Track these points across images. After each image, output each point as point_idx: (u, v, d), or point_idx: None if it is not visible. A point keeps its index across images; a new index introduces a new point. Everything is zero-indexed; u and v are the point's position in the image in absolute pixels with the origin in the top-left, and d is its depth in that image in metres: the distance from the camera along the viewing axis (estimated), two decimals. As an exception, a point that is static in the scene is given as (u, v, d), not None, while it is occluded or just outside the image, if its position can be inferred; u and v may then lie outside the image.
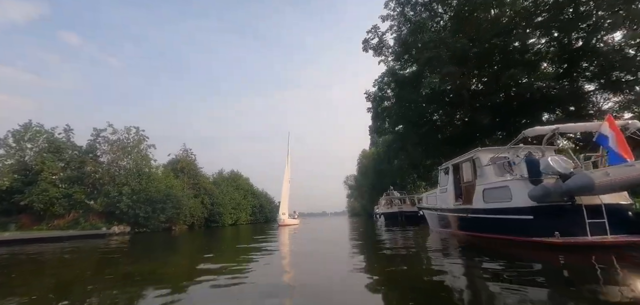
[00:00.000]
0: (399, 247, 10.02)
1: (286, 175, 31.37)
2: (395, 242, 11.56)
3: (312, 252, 9.98)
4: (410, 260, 7.14)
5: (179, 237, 21.81)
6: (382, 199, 31.52)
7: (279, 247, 12.03)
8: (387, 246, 10.30)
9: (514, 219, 8.02)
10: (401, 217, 28.38)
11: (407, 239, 12.56)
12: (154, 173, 30.32)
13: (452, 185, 12.21)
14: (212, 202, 39.07)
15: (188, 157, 39.64)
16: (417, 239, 12.62)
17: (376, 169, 52.18)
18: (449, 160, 12.87)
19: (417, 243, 11.12)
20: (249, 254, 9.32)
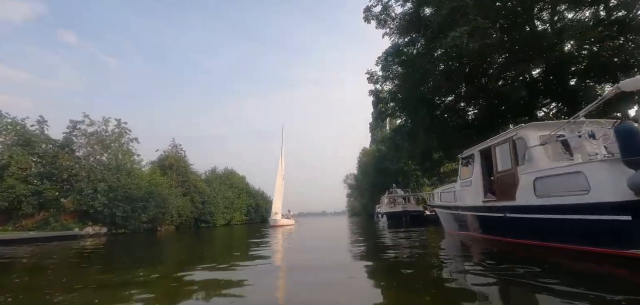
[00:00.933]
0: (412, 256, 7.32)
1: (280, 171, 28.62)
2: (406, 249, 8.85)
3: (307, 264, 7.30)
4: (433, 277, 4.43)
5: (162, 239, 19.20)
6: (384, 198, 28.86)
7: (270, 251, 9.45)
8: (396, 255, 7.59)
9: (594, 220, 5.32)
10: (405, 217, 25.68)
11: (419, 245, 9.85)
12: (136, 169, 27.61)
13: (479, 176, 9.50)
14: (203, 201, 36.39)
15: (177, 153, 36.97)
16: (431, 243, 9.96)
17: (377, 167, 49.46)
18: (473, 146, 10.17)
19: (433, 249, 8.43)
20: (232, 263, 6.74)
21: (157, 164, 35.48)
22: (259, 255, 8.60)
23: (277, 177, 28.42)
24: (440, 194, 13.45)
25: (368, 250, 9.15)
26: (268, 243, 12.97)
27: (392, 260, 6.89)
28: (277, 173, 28.50)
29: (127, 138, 28.08)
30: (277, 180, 28.27)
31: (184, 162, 36.43)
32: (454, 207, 11.34)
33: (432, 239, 11.67)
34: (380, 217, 28.62)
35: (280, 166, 28.66)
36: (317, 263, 6.87)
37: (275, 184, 28.14)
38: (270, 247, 11.37)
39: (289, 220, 27.98)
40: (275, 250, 10.39)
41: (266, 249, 10.80)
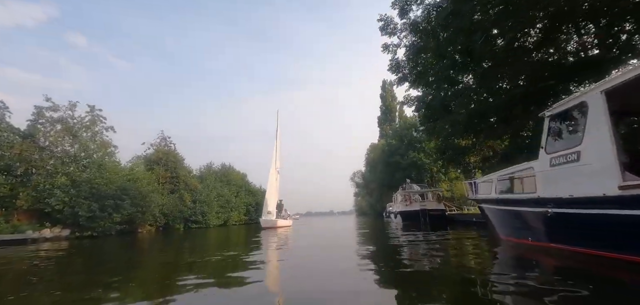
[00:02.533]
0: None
1: (274, 162, 24.29)
2: (444, 264, 4.34)
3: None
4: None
5: (135, 244, 15.17)
6: (397, 194, 24.30)
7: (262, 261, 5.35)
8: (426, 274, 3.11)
9: None
10: (424, 216, 21.06)
11: (476, 266, 5.35)
12: (110, 162, 23.60)
13: (605, 142, 4.95)
14: (195, 200, 32.29)
15: (166, 146, 32.99)
16: (485, 259, 5.55)
17: (386, 162, 44.76)
18: (582, 91, 5.63)
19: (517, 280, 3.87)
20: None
21: (142, 158, 31.59)
22: (239, 275, 4.33)
23: (270, 170, 24.15)
24: (495, 182, 8.87)
25: (386, 275, 4.64)
26: (257, 252, 8.89)
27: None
28: (271, 165, 24.16)
29: (101, 126, 24.09)
30: (271, 173, 23.99)
31: (173, 157, 32.40)
32: (530, 201, 6.76)
33: (482, 253, 7.19)
34: (394, 217, 24.01)
35: (274, 156, 24.28)
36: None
37: (268, 178, 23.81)
38: (257, 257, 7.20)
39: (285, 221, 23.62)
40: (263, 262, 6.17)
41: (254, 259, 6.66)
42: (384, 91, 62.66)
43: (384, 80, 63.14)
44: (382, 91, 62.86)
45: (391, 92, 62.99)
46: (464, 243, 9.84)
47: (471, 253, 7.51)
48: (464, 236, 12.36)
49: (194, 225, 31.77)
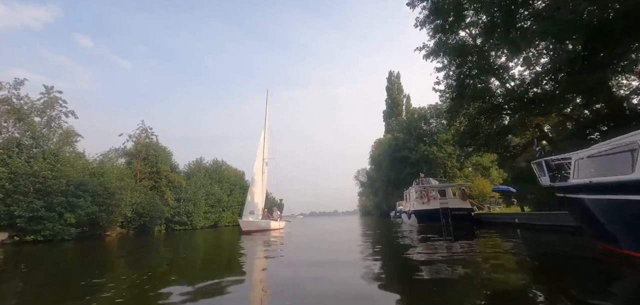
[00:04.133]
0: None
1: (260, 152, 19.93)
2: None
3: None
4: None
5: (86, 252, 11.19)
6: (410, 191, 19.99)
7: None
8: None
9: None
10: (445, 217, 16.71)
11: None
12: (70, 153, 19.62)
13: None
14: (178, 198, 28.28)
15: (147, 138, 29.03)
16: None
17: (393, 157, 40.35)
18: None
19: None
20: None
21: (121, 151, 27.69)
22: None
23: (255, 162, 19.82)
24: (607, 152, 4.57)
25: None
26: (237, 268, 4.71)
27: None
28: (257, 155, 19.92)
29: (60, 110, 20.14)
30: (256, 166, 19.64)
31: (154, 150, 28.43)
32: None
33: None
34: (407, 217, 19.60)
35: (262, 146, 20.08)
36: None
37: (253, 169, 19.71)
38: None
39: (277, 224, 19.44)
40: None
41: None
42: (390, 83, 58.30)
43: (391, 71, 58.89)
44: (388, 83, 58.50)
45: (397, 84, 58.63)
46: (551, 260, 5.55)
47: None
48: (526, 245, 8.10)
49: (178, 226, 27.77)
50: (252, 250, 9.99)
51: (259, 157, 19.37)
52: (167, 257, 9.02)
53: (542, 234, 11.66)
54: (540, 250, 7.79)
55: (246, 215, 17.54)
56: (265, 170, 19.96)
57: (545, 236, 10.83)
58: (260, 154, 19.48)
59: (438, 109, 40.15)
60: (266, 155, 20.12)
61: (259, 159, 19.37)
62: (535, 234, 11.78)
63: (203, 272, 6.55)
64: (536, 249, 7.91)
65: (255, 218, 17.63)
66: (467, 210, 17.11)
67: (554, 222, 11.45)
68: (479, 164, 36.17)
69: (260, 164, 19.32)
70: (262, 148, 19.68)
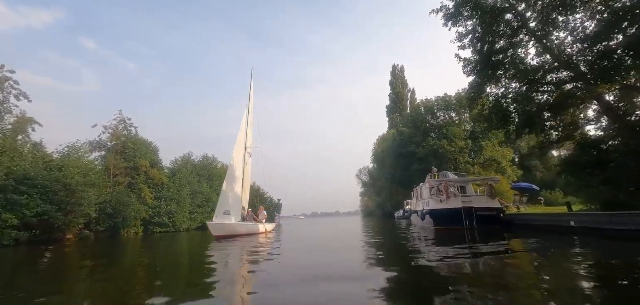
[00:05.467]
0: None
1: (242, 139, 16.05)
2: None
3: None
4: None
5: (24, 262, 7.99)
6: (422, 188, 16.47)
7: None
8: None
9: None
10: (469, 218, 13.27)
11: None
12: (10, 141, 16.37)
13: None
14: (159, 197, 25.01)
15: (126, 129, 25.82)
16: None
17: (399, 154, 36.83)
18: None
19: None
20: None
21: (93, 144, 24.50)
22: None
23: (234, 151, 15.75)
24: None
25: None
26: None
27: None
28: (237, 142, 15.86)
29: (9, 93, 16.93)
30: (235, 156, 15.68)
31: (133, 143, 25.20)
32: None
33: None
34: (420, 219, 16.03)
35: (244, 128, 16.21)
36: None
37: (231, 159, 15.76)
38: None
39: (264, 227, 16.00)
40: None
41: None
42: (394, 78, 54.80)
43: (394, 65, 55.41)
44: (392, 78, 54.99)
45: (402, 78, 55.13)
46: None
47: None
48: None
49: (158, 229, 24.48)
50: (223, 260, 6.67)
51: (239, 144, 15.76)
52: (155, 258, 5.67)
53: (621, 242, 8.21)
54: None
55: (219, 216, 13.98)
56: (248, 161, 16.49)
57: (634, 247, 7.41)
58: (241, 141, 15.86)
59: (447, 101, 36.68)
60: (250, 143, 16.60)
61: (239, 147, 15.77)
62: (609, 244, 8.34)
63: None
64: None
65: (233, 220, 14.10)
66: (497, 210, 13.63)
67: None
68: (494, 160, 32.67)
69: (241, 153, 15.77)
70: (244, 134, 16.09)
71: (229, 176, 15.12)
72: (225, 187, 14.70)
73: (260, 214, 16.78)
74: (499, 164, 32.50)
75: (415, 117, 37.55)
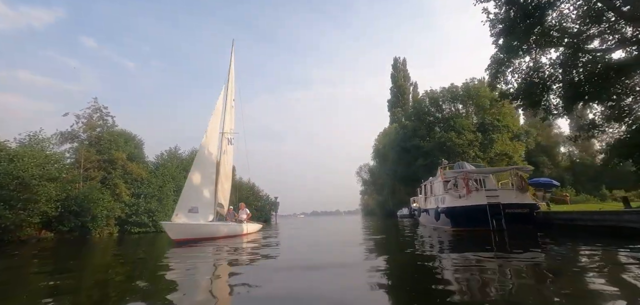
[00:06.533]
0: None
1: (216, 121, 12.96)
2: None
3: None
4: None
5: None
6: (435, 181, 13.73)
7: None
8: None
9: None
10: (496, 216, 10.65)
11: None
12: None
13: None
14: (137, 194, 22.37)
15: (101, 119, 23.19)
16: None
17: (402, 148, 34.15)
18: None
19: None
20: None
21: (65, 135, 21.87)
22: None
23: (206, 134, 12.53)
24: None
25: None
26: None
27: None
28: (209, 125, 12.67)
29: None
30: (207, 141, 12.52)
31: (108, 134, 22.57)
32: None
33: None
34: (434, 218, 13.17)
35: (220, 108, 13.12)
36: None
37: (204, 144, 12.56)
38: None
39: (248, 226, 13.32)
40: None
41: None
42: (396, 71, 52.06)
43: (396, 58, 52.67)
44: (393, 70, 52.23)
45: (404, 71, 52.40)
46: None
47: None
48: None
49: (135, 229, 21.82)
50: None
51: (213, 127, 12.75)
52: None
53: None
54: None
55: (182, 213, 11.02)
56: (227, 149, 13.68)
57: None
58: (215, 124, 12.85)
59: (453, 92, 34.04)
60: (229, 128, 13.80)
61: (214, 130, 12.87)
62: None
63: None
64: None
65: (203, 219, 11.27)
66: (529, 207, 10.98)
67: None
68: (505, 154, 30.07)
69: (216, 138, 12.89)
70: (221, 115, 13.14)
71: (199, 164, 12.19)
72: (191, 178, 11.87)
73: (240, 212, 13.99)
74: (511, 158, 29.93)
75: (419, 109, 34.90)
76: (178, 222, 10.69)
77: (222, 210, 13.17)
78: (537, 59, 11.72)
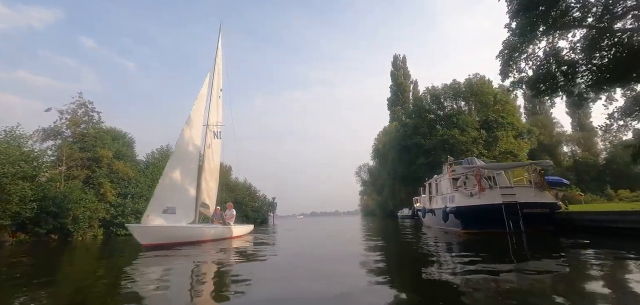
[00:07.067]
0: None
1: (199, 110, 11.36)
2: None
3: None
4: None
5: None
6: (442, 179, 12.47)
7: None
8: None
9: None
10: (512, 217, 9.39)
11: None
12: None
13: None
14: (123, 194, 21.06)
15: (86, 115, 21.89)
16: None
17: (403, 147, 32.90)
18: None
19: None
20: None
21: (47, 131, 20.57)
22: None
23: (186, 126, 10.93)
24: None
25: None
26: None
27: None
28: (192, 113, 11.04)
29: None
30: (190, 130, 10.96)
31: (95, 131, 21.28)
32: None
33: None
34: (442, 219, 11.81)
35: (203, 97, 11.66)
36: None
37: (184, 137, 10.81)
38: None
39: (235, 228, 12.06)
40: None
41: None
42: (395, 68, 50.87)
43: (396, 55, 51.49)
44: (393, 68, 51.04)
45: (404, 69, 51.22)
46: None
47: None
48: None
49: (121, 231, 20.47)
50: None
51: (196, 118, 11.25)
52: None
53: None
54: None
55: (155, 214, 9.59)
56: (213, 143, 12.28)
57: None
58: (198, 114, 11.34)
59: (455, 89, 32.87)
60: (216, 120, 12.42)
61: (197, 121, 11.36)
62: None
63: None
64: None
65: (181, 221, 9.93)
66: (550, 206, 9.76)
67: None
68: (509, 153, 28.90)
69: (199, 129, 11.44)
70: (205, 104, 11.67)
71: (178, 158, 10.76)
72: (168, 174, 10.40)
73: (227, 213, 12.59)
74: (516, 156, 28.75)
75: (420, 107, 33.70)
76: (150, 225, 9.32)
77: (208, 210, 11.87)
78: (555, 43, 10.59)
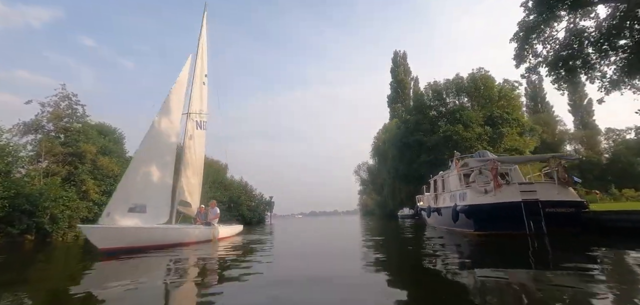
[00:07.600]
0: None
1: (179, 94, 9.80)
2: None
3: None
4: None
5: None
6: (450, 175, 11.24)
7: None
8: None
9: None
10: (533, 217, 8.12)
11: None
12: None
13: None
14: (108, 192, 19.76)
15: (70, 108, 20.58)
16: None
17: (403, 144, 31.63)
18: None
19: None
20: None
21: (28, 125, 19.28)
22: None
23: (163, 113, 9.40)
24: None
25: None
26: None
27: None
28: (170, 98, 9.61)
29: None
30: (168, 118, 9.45)
31: (79, 124, 20.01)
32: None
33: None
34: (451, 218, 10.39)
35: (183, 78, 10.16)
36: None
37: (158, 125, 9.21)
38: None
39: (226, 230, 10.75)
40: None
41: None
42: (395, 65, 49.64)
43: (396, 51, 50.24)
44: (393, 65, 49.82)
45: (404, 65, 49.99)
46: None
47: None
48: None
49: (105, 231, 19.22)
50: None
51: (175, 104, 9.90)
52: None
53: None
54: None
55: (117, 213, 8.09)
56: (195, 133, 10.98)
57: None
58: (177, 100, 9.90)
59: (458, 84, 31.64)
60: (199, 108, 11.09)
61: (175, 108, 9.97)
62: None
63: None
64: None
65: (151, 221, 8.66)
66: (575, 205, 8.53)
67: None
68: (515, 150, 27.72)
69: (177, 117, 10.09)
70: (184, 89, 10.26)
71: (150, 149, 9.18)
72: (136, 166, 8.93)
73: (210, 212, 11.21)
74: (521, 153, 27.53)
75: (421, 102, 32.47)
76: (110, 226, 7.89)
77: (189, 209, 10.56)
78: (577, 23, 9.37)
